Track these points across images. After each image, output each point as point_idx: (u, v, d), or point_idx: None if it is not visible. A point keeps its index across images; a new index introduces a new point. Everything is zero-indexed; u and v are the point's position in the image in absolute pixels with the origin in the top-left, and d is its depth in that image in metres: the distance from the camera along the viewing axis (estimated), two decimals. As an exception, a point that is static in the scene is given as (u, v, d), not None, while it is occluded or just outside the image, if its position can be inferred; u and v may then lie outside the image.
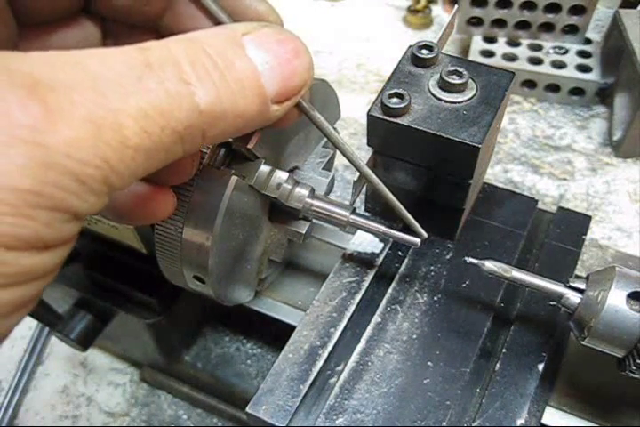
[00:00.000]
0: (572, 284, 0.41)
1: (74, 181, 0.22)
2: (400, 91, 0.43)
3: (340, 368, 0.46)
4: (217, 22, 0.33)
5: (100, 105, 0.23)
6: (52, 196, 0.22)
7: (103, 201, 0.24)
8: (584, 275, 0.43)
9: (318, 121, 0.35)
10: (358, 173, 0.46)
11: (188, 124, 0.25)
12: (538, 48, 0.95)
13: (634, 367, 0.39)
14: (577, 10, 0.90)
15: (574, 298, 0.41)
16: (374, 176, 0.41)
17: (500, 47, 0.95)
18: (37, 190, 0.21)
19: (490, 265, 0.42)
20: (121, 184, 0.24)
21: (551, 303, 0.43)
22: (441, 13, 1.10)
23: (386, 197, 0.42)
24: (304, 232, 0.47)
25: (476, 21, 0.95)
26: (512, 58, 0.93)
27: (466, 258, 0.43)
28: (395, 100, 0.43)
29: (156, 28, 0.35)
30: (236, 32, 0.28)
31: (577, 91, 0.92)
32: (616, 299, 0.39)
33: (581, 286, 0.41)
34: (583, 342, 0.41)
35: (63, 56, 0.23)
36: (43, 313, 0.65)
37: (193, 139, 0.26)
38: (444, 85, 0.44)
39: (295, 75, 0.29)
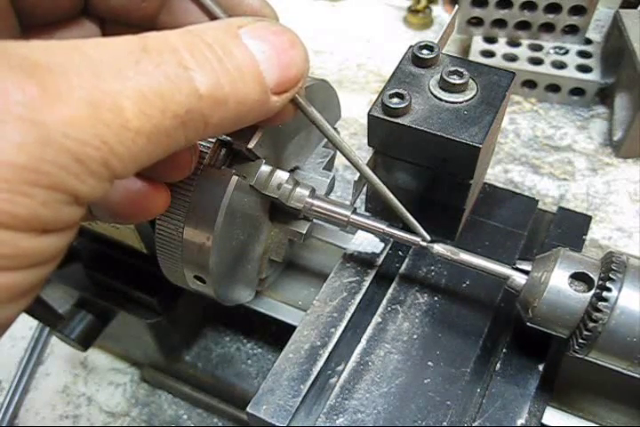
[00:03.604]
0: (518, 266, 0.42)
1: (72, 160, 0.22)
2: (401, 91, 0.43)
3: (340, 368, 0.46)
4: (212, 18, 0.33)
5: (98, 87, 0.23)
6: (49, 173, 0.21)
7: (104, 186, 0.24)
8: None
9: (315, 117, 0.36)
10: (359, 173, 0.46)
11: (188, 108, 0.25)
12: (538, 48, 0.95)
13: (577, 347, 0.39)
14: (577, 10, 0.89)
15: (520, 279, 0.41)
16: (371, 173, 0.41)
17: (501, 47, 0.95)
18: (34, 167, 0.21)
19: (438, 248, 0.43)
20: (123, 169, 0.24)
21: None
22: (441, 13, 1.10)
23: (385, 198, 0.42)
24: (304, 232, 0.47)
25: (476, 21, 0.95)
26: (512, 58, 0.93)
27: (420, 242, 0.43)
28: (395, 100, 0.43)
29: (154, 28, 0.36)
30: (232, 25, 0.28)
31: (577, 91, 0.92)
32: (559, 279, 0.39)
33: (527, 267, 0.42)
34: (529, 323, 0.41)
35: (62, 43, 0.24)
36: (43, 313, 0.65)
37: (195, 125, 0.26)
38: (445, 85, 0.44)
39: (292, 64, 0.29)
